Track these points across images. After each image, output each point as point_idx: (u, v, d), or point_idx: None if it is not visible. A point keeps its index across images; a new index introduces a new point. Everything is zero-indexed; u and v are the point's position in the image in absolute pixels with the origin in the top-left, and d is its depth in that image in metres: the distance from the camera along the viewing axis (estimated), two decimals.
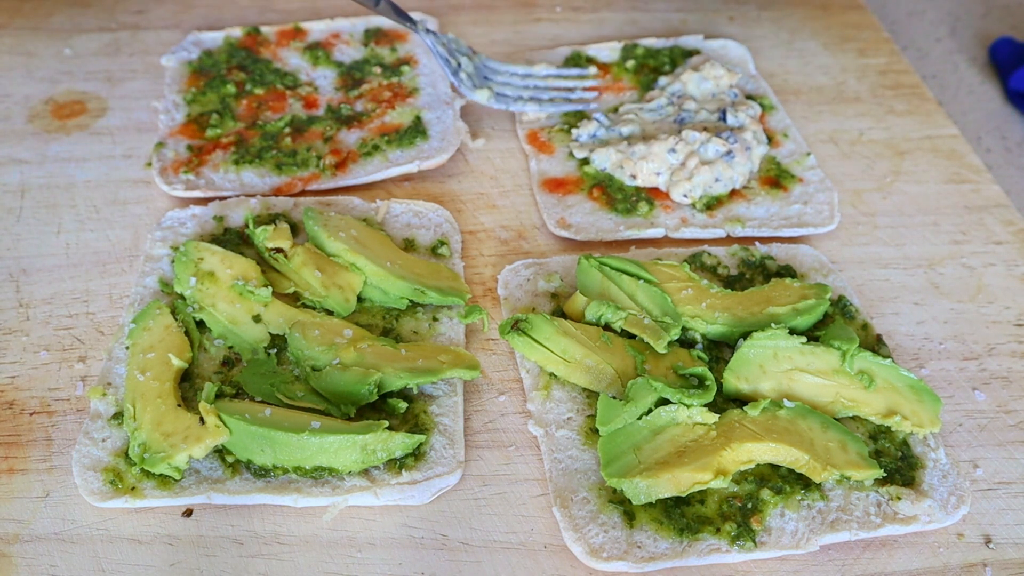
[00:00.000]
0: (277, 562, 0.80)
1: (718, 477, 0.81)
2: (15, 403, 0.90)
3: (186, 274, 0.95)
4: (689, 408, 0.85)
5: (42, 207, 1.10)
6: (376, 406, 0.88)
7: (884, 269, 1.08)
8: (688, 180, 1.10)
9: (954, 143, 1.25)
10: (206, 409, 0.82)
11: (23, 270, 1.03)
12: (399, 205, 1.09)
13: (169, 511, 0.82)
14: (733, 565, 0.81)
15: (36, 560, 0.79)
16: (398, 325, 0.96)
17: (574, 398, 0.90)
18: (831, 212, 1.11)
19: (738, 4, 1.49)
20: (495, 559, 0.81)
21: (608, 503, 0.82)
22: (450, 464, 0.85)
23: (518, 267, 1.03)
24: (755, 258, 1.04)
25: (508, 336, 0.91)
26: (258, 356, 0.91)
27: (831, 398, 0.89)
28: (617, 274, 0.97)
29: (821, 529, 0.81)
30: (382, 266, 0.96)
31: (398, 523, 0.83)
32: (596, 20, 1.44)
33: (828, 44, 1.42)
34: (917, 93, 1.33)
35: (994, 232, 1.13)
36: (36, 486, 0.84)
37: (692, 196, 1.10)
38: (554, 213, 1.09)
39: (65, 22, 1.38)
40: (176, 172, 1.11)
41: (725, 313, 0.94)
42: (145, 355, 0.89)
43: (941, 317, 1.03)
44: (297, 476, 0.83)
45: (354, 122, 1.18)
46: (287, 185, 1.11)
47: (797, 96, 1.31)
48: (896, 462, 0.86)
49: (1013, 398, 0.95)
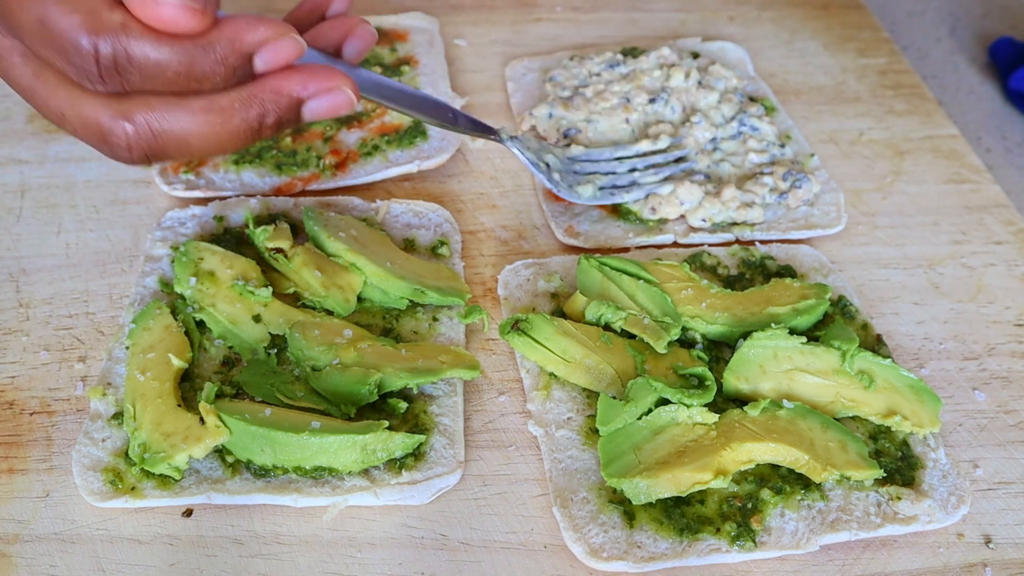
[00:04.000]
0: (277, 562, 0.80)
1: (718, 477, 0.81)
2: (15, 403, 0.90)
3: (186, 274, 0.95)
4: (689, 408, 0.86)
5: (42, 207, 1.10)
6: (376, 406, 0.88)
7: (884, 269, 1.08)
8: (717, 209, 1.07)
9: (954, 143, 1.25)
10: (206, 409, 0.82)
11: (23, 270, 1.03)
12: (399, 205, 1.09)
13: (169, 511, 0.82)
14: (733, 565, 0.81)
15: (36, 560, 0.79)
16: (398, 325, 0.96)
17: (574, 398, 0.90)
18: (838, 213, 1.10)
19: (738, 4, 1.49)
20: (495, 559, 0.81)
21: (608, 503, 0.82)
22: (450, 464, 0.85)
23: (518, 267, 1.03)
24: (755, 258, 1.04)
25: (508, 336, 0.91)
26: (258, 356, 0.91)
27: (831, 398, 0.89)
28: (617, 274, 0.97)
29: (821, 529, 0.81)
30: (382, 266, 0.96)
31: (398, 523, 0.83)
32: (596, 20, 1.44)
33: (828, 44, 1.42)
34: (917, 93, 1.33)
35: (994, 232, 1.13)
36: (36, 486, 0.84)
37: (711, 219, 1.08)
38: (562, 221, 1.09)
39: None
40: (176, 172, 1.11)
41: (725, 313, 0.94)
42: (145, 355, 0.89)
43: (941, 317, 1.03)
44: (297, 476, 0.83)
45: (354, 122, 1.18)
46: (287, 185, 1.11)
47: (797, 96, 1.31)
48: (896, 462, 0.86)
49: (1013, 398, 0.95)
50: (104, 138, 0.68)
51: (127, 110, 0.67)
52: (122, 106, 0.67)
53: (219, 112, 0.68)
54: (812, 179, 1.10)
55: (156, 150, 0.68)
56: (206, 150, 0.70)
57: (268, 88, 0.69)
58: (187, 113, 0.67)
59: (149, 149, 0.68)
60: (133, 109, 0.67)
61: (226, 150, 0.70)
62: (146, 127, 0.67)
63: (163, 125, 0.67)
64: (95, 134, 0.68)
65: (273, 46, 0.68)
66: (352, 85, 0.73)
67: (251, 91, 0.69)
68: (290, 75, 0.70)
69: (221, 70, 0.67)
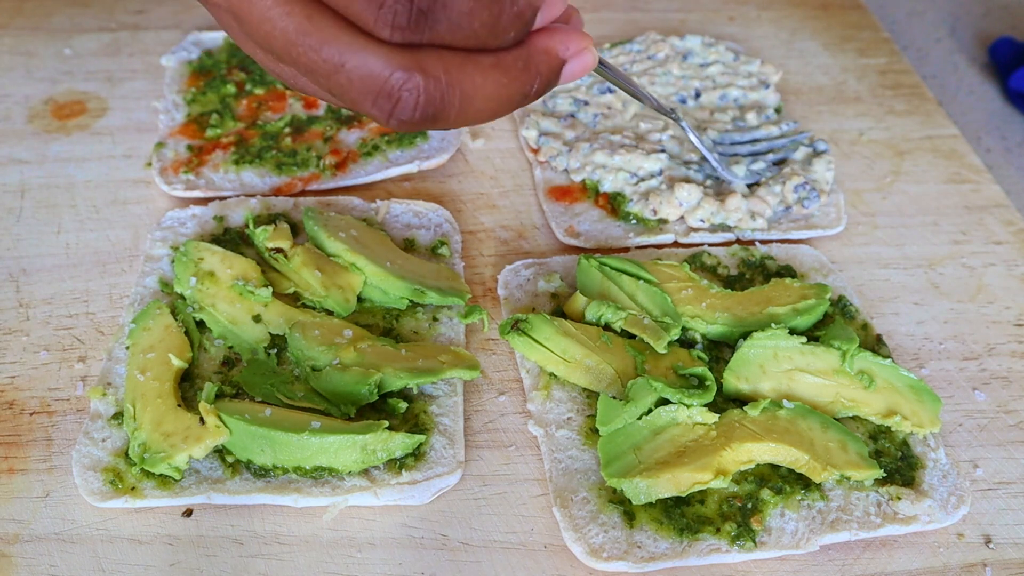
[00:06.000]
0: (277, 562, 0.80)
1: (718, 477, 0.81)
2: (15, 403, 0.90)
3: (186, 274, 0.95)
4: (689, 408, 0.86)
5: (42, 207, 1.10)
6: (376, 406, 0.88)
7: (884, 269, 1.08)
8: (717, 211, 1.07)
9: (954, 143, 1.25)
10: (206, 409, 0.82)
11: (23, 270, 1.03)
12: (399, 205, 1.09)
13: (169, 511, 0.82)
14: (733, 565, 0.81)
15: (36, 560, 0.79)
16: (398, 325, 0.96)
17: (574, 398, 0.90)
18: (838, 214, 1.10)
19: (738, 4, 1.49)
20: (495, 559, 0.81)
21: (608, 503, 0.82)
22: (450, 464, 0.85)
23: (518, 267, 1.03)
24: (755, 258, 1.04)
25: (508, 336, 0.91)
26: (258, 356, 0.91)
27: (831, 398, 0.89)
28: (617, 274, 0.97)
29: (821, 529, 0.81)
30: (382, 266, 0.96)
31: (398, 523, 0.83)
32: (596, 20, 1.44)
33: (828, 44, 1.42)
34: (917, 93, 1.33)
35: (994, 232, 1.13)
36: (36, 486, 0.84)
37: (711, 220, 1.08)
38: (562, 222, 1.09)
39: (65, 22, 1.38)
40: (176, 172, 1.11)
41: (725, 313, 0.94)
42: (145, 355, 0.89)
43: (941, 317, 1.03)
44: (297, 476, 0.83)
45: (354, 122, 1.18)
46: (287, 185, 1.11)
47: (797, 96, 1.31)
48: (896, 462, 0.86)
49: (1013, 398, 0.95)
50: (389, 92, 0.60)
51: (422, 62, 0.60)
52: (416, 57, 0.60)
53: (505, 71, 0.63)
54: (823, 196, 1.10)
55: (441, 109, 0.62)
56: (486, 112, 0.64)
57: (541, 48, 0.65)
58: (478, 69, 0.62)
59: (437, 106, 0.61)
60: (428, 61, 0.60)
61: (501, 114, 0.65)
62: (440, 82, 0.60)
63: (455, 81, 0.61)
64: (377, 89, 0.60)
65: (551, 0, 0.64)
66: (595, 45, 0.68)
67: (529, 52, 0.64)
68: (555, 35, 0.65)
69: (518, 24, 0.61)
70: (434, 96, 0.61)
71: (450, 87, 0.61)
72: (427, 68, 0.60)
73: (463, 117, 0.63)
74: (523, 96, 0.65)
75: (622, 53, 1.29)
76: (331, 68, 0.60)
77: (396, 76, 0.59)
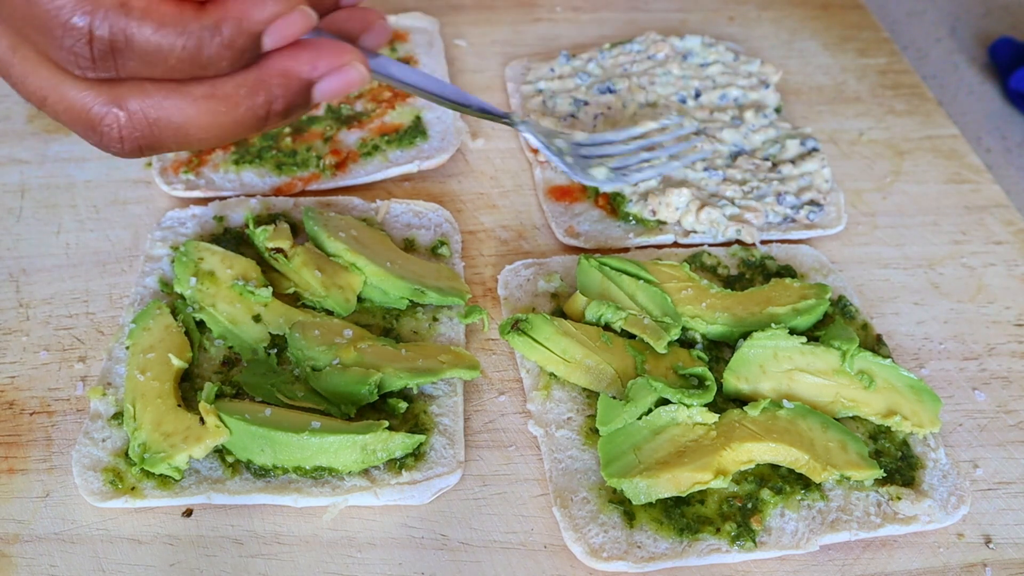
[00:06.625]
0: (277, 562, 0.80)
1: (718, 477, 0.81)
2: (15, 403, 0.90)
3: (186, 274, 0.95)
4: (689, 408, 0.86)
5: (42, 207, 1.10)
6: (376, 406, 0.88)
7: (884, 269, 1.08)
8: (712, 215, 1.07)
9: (954, 143, 1.25)
10: (206, 409, 0.82)
11: (23, 270, 1.03)
12: (399, 205, 1.09)
13: (169, 511, 0.82)
14: (733, 565, 0.81)
15: (36, 560, 0.79)
16: (398, 325, 0.96)
17: (574, 398, 0.90)
18: (838, 214, 1.10)
19: (738, 4, 1.49)
20: (495, 559, 0.81)
21: (608, 503, 0.82)
22: (450, 464, 0.85)
23: (518, 267, 1.03)
24: (755, 258, 1.04)
25: (508, 336, 0.91)
26: (258, 356, 0.91)
27: (831, 398, 0.89)
28: (617, 274, 0.97)
29: (821, 529, 0.81)
30: (382, 266, 0.96)
31: (398, 523, 0.83)
32: (596, 20, 1.44)
33: (828, 44, 1.42)
34: (917, 93, 1.33)
35: (994, 232, 1.13)
36: (36, 486, 0.84)
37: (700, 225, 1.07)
38: (562, 222, 1.09)
39: None
40: (176, 172, 1.11)
41: (725, 313, 0.94)
42: (145, 355, 0.89)
43: (941, 317, 1.03)
44: (297, 476, 0.83)
45: (354, 122, 1.18)
46: (287, 185, 1.11)
47: (797, 96, 1.31)
48: (896, 462, 0.86)
49: (1013, 398, 0.95)
50: (93, 126, 0.61)
51: (120, 96, 0.60)
52: (114, 92, 0.60)
53: (223, 100, 0.62)
54: (827, 208, 1.10)
55: (152, 141, 0.62)
56: (208, 141, 0.64)
57: (275, 71, 0.63)
58: (187, 101, 0.61)
59: (144, 140, 0.62)
60: (127, 95, 0.60)
61: (229, 140, 0.65)
62: (141, 116, 0.61)
63: (160, 114, 0.61)
64: (82, 121, 0.61)
65: (282, 21, 0.62)
66: (363, 59, 0.66)
67: (257, 75, 0.63)
68: (298, 54, 0.64)
69: (228, 54, 0.60)
70: (137, 128, 0.61)
71: (155, 119, 0.61)
72: (124, 102, 0.61)
73: (184, 145, 0.64)
74: (257, 119, 0.64)
75: (622, 53, 1.29)
76: (38, 100, 0.62)
77: (95, 110, 0.61)
